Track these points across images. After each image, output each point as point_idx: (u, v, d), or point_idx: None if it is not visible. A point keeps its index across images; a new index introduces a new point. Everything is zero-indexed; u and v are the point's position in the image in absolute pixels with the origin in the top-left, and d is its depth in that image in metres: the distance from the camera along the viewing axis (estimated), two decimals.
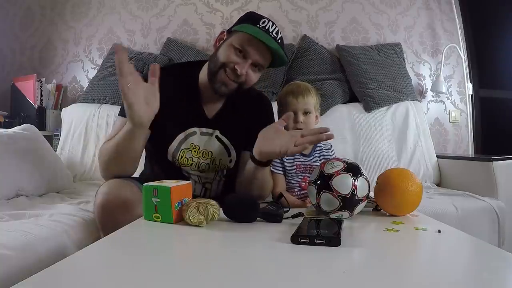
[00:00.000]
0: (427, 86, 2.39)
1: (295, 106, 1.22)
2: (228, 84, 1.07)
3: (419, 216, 0.88)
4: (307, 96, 1.23)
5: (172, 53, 2.28)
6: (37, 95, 2.20)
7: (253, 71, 1.08)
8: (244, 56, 1.05)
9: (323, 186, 0.82)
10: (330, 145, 1.32)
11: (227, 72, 1.05)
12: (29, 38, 2.46)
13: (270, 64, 1.11)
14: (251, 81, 1.10)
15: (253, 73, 1.08)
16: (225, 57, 1.05)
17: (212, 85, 1.08)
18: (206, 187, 1.18)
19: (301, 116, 1.21)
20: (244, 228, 0.77)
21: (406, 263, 0.59)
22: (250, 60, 1.05)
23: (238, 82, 1.07)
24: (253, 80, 1.10)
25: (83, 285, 0.48)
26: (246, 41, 1.04)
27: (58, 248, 0.93)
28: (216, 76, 1.07)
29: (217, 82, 1.07)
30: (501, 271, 0.54)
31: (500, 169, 1.64)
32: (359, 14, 2.41)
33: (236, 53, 1.05)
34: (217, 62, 1.07)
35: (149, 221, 0.78)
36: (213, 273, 0.51)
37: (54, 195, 1.49)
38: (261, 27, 1.04)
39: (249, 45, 1.04)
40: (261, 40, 1.02)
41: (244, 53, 1.05)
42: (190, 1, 2.42)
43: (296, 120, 1.21)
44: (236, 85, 1.08)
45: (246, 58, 1.05)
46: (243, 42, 1.04)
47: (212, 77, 1.08)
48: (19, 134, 1.50)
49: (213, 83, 1.08)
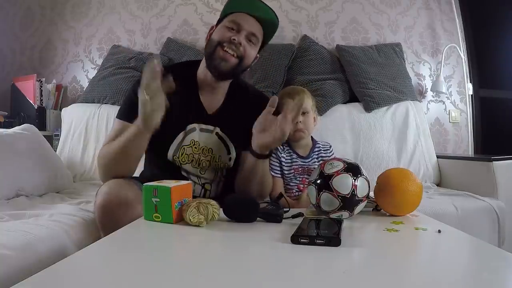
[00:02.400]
0: (427, 86, 2.39)
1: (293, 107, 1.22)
2: (228, 59, 1.07)
3: (419, 216, 0.88)
4: (303, 97, 1.24)
5: (172, 53, 2.28)
6: (37, 95, 2.20)
7: (249, 44, 1.10)
8: (237, 30, 1.08)
9: (323, 186, 0.82)
10: (329, 145, 1.32)
11: (225, 46, 1.07)
12: (29, 38, 2.46)
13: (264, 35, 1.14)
14: (249, 56, 1.11)
15: (250, 47, 1.10)
16: (219, 36, 1.08)
17: (212, 65, 1.09)
18: (205, 187, 1.18)
19: (299, 117, 1.21)
20: (244, 228, 0.77)
21: (406, 263, 0.59)
22: (244, 32, 1.08)
23: (237, 56, 1.08)
24: (251, 55, 1.12)
25: (83, 285, 0.48)
26: (235, 16, 1.08)
27: (58, 248, 0.93)
28: (214, 55, 1.08)
29: (216, 59, 1.08)
30: (501, 271, 0.54)
31: (500, 169, 1.64)
32: (359, 14, 2.41)
33: (229, 30, 1.08)
34: (212, 43, 1.09)
35: (149, 221, 0.78)
36: (213, 273, 0.51)
37: (54, 195, 1.49)
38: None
39: (239, 18, 1.08)
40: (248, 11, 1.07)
41: (237, 27, 1.08)
42: (190, 1, 2.41)
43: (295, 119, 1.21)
44: (236, 61, 1.08)
45: (239, 32, 1.08)
46: (234, 18, 1.08)
47: (210, 58, 1.09)
48: (19, 134, 1.50)
49: (212, 62, 1.09)
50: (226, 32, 1.08)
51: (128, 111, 1.08)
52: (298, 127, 1.22)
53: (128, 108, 1.09)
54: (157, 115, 0.93)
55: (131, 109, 1.07)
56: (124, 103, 1.15)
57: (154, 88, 0.89)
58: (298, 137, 1.24)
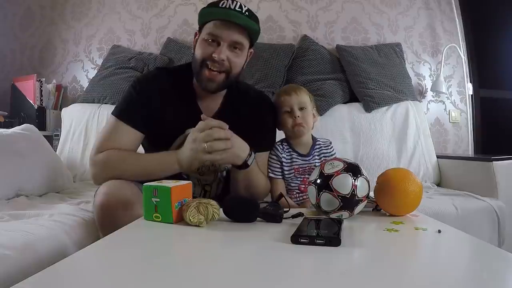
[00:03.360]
0: (427, 86, 2.39)
1: (290, 102, 1.21)
2: (214, 77, 1.04)
3: (419, 216, 0.88)
4: (299, 92, 1.23)
5: (172, 53, 2.28)
6: (37, 95, 2.20)
7: (235, 53, 1.05)
8: (217, 43, 1.03)
9: (323, 186, 0.82)
10: (330, 142, 1.31)
11: (209, 66, 1.03)
12: (29, 38, 2.46)
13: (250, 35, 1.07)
14: (236, 65, 1.07)
15: (235, 56, 1.05)
16: (200, 53, 1.04)
17: (201, 85, 1.07)
18: (205, 189, 1.18)
19: (297, 111, 1.21)
20: (244, 228, 0.77)
21: (406, 263, 0.59)
22: (225, 43, 1.02)
23: (223, 71, 1.05)
24: (238, 63, 1.07)
25: (83, 285, 0.48)
26: (213, 28, 1.02)
27: (58, 248, 0.93)
28: (201, 76, 1.05)
29: (203, 80, 1.06)
30: (501, 271, 0.54)
31: (500, 169, 1.64)
32: (359, 14, 2.41)
33: (209, 44, 1.03)
34: (196, 62, 1.06)
35: (149, 221, 0.78)
36: (213, 273, 0.51)
37: (54, 195, 1.49)
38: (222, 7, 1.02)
39: (217, 29, 1.01)
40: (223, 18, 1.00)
41: (216, 39, 1.02)
42: (190, 1, 2.41)
43: (294, 115, 1.20)
44: (223, 76, 1.05)
45: (220, 44, 1.03)
46: (211, 30, 1.02)
47: (198, 78, 1.07)
48: (19, 134, 1.50)
49: (200, 83, 1.07)
50: (206, 47, 1.03)
51: (126, 110, 1.07)
52: (297, 121, 1.21)
53: (126, 107, 1.08)
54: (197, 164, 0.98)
55: (129, 108, 1.07)
56: (122, 101, 1.10)
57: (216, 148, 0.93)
58: (298, 132, 1.22)
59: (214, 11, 1.02)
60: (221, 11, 1.01)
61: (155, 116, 1.07)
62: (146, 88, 1.09)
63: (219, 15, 1.01)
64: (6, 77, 2.36)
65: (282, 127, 1.26)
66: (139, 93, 1.08)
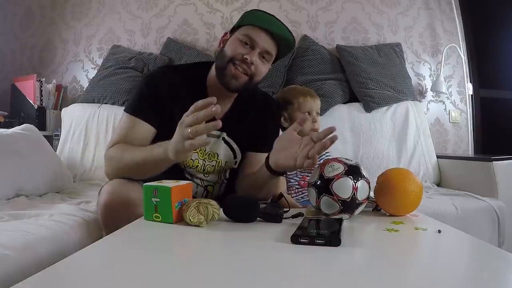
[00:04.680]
0: (427, 86, 2.39)
1: (311, 107, 1.24)
2: (239, 77, 1.05)
3: (419, 216, 0.88)
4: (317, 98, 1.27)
5: (172, 53, 2.28)
6: (37, 95, 2.20)
7: (262, 62, 1.07)
8: (251, 47, 1.05)
9: (323, 189, 0.81)
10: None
11: (236, 64, 1.04)
12: (29, 38, 2.46)
13: (278, 52, 1.11)
14: (261, 73, 1.08)
15: (262, 64, 1.07)
16: (232, 51, 1.05)
17: (222, 81, 1.06)
18: (208, 190, 1.18)
19: (316, 117, 1.25)
20: (244, 228, 0.77)
21: (406, 263, 0.59)
22: (258, 49, 1.05)
23: (248, 74, 1.06)
24: (263, 71, 1.09)
25: (83, 285, 0.48)
26: (252, 31, 1.04)
27: (58, 248, 0.93)
28: (225, 71, 1.05)
29: (227, 76, 1.05)
30: (501, 271, 0.54)
31: (500, 169, 1.64)
32: (359, 14, 2.41)
33: (242, 45, 1.05)
34: (224, 57, 1.06)
35: (149, 221, 0.78)
36: (213, 273, 0.51)
37: (54, 195, 1.49)
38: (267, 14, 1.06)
39: (256, 34, 1.04)
40: (264, 27, 1.03)
41: (251, 43, 1.04)
42: (190, 1, 2.41)
43: (314, 119, 1.24)
44: (246, 78, 1.06)
45: (253, 49, 1.05)
46: (249, 33, 1.04)
47: (221, 73, 1.07)
48: (19, 134, 1.50)
49: (223, 78, 1.06)
50: (239, 47, 1.04)
51: (140, 106, 1.06)
52: (315, 127, 1.25)
53: (139, 103, 1.07)
54: (190, 153, 0.89)
55: (142, 104, 1.07)
56: (135, 97, 1.10)
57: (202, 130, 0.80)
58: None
59: (260, 16, 1.06)
60: (266, 17, 1.05)
61: (165, 113, 1.06)
62: (157, 85, 1.08)
63: (263, 20, 1.05)
64: (6, 77, 2.36)
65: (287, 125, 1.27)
66: (150, 89, 1.07)
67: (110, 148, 1.04)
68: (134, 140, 1.03)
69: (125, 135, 1.04)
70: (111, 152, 1.03)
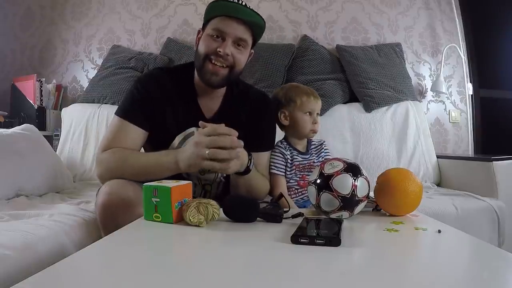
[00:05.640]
0: (427, 86, 2.39)
1: (313, 107, 1.24)
2: (218, 72, 1.04)
3: (419, 216, 0.88)
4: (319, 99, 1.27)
5: (172, 53, 2.28)
6: (37, 95, 2.20)
7: (239, 50, 1.06)
8: (222, 38, 1.04)
9: (323, 186, 0.82)
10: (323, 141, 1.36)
11: (213, 59, 1.04)
12: (29, 38, 2.46)
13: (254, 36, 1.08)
14: (240, 61, 1.07)
15: (239, 52, 1.06)
16: (205, 47, 1.04)
17: (204, 79, 1.07)
18: (206, 189, 1.18)
19: (317, 117, 1.26)
20: (244, 228, 0.77)
21: (406, 263, 0.59)
22: (230, 39, 1.03)
23: (227, 66, 1.05)
24: (242, 60, 1.08)
25: (83, 285, 0.48)
26: (219, 23, 1.03)
27: (58, 248, 0.93)
28: (204, 69, 1.05)
29: (206, 74, 1.05)
30: (501, 271, 0.54)
31: (500, 169, 1.64)
32: (359, 14, 2.41)
33: (214, 39, 1.04)
34: (200, 56, 1.06)
35: (149, 221, 0.78)
36: (213, 273, 0.51)
37: (54, 195, 1.49)
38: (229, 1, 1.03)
39: (223, 24, 1.03)
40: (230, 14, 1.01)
41: (221, 35, 1.03)
42: (190, 1, 2.42)
43: (315, 121, 1.24)
44: (227, 70, 1.06)
45: (224, 40, 1.03)
46: (216, 25, 1.03)
47: (201, 72, 1.07)
48: (19, 134, 1.50)
49: (204, 77, 1.06)
50: (211, 42, 1.03)
51: (131, 111, 1.07)
52: (316, 128, 1.25)
53: (130, 106, 1.08)
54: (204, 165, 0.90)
55: (133, 107, 1.07)
56: (125, 101, 1.10)
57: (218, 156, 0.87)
58: (311, 136, 1.29)
59: (222, 5, 1.03)
60: (229, 5, 1.02)
61: (157, 114, 1.07)
62: (148, 87, 1.09)
63: (226, 9, 1.02)
64: (6, 77, 2.36)
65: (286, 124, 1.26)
66: (141, 92, 1.08)
67: (105, 152, 1.03)
68: (124, 143, 1.03)
69: (114, 138, 1.04)
70: (106, 156, 1.02)
